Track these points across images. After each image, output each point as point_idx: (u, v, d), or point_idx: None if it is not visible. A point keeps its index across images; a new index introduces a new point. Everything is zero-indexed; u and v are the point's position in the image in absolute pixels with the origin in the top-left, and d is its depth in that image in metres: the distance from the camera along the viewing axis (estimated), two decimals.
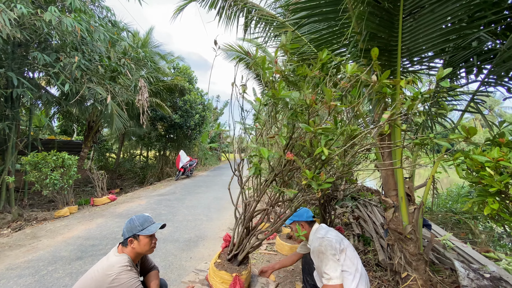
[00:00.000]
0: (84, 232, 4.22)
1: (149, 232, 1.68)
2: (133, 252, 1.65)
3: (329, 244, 1.84)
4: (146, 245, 1.68)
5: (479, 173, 1.55)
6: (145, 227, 1.69)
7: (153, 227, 1.72)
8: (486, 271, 2.77)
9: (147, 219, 1.74)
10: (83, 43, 6.67)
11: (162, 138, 13.56)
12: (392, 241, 2.64)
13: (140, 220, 1.71)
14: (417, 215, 2.54)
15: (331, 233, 1.98)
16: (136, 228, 1.66)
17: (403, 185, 2.51)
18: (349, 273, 1.81)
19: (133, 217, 1.73)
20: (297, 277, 2.90)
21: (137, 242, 1.66)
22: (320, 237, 1.92)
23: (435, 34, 2.05)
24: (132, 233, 1.65)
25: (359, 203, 5.92)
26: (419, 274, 2.46)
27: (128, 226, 1.67)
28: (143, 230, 1.67)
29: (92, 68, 6.71)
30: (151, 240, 1.72)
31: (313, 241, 2.00)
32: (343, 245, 1.88)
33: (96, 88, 6.74)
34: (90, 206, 6.49)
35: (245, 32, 3.56)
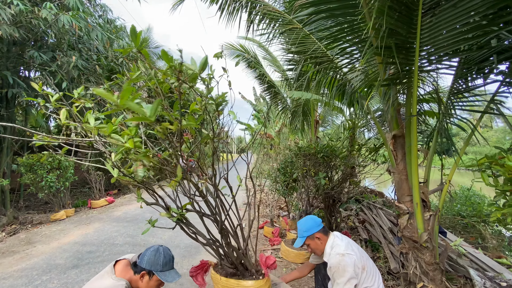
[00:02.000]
0: (80, 237, 4.06)
1: (165, 279, 1.49)
2: (135, 283, 1.47)
3: (350, 263, 1.67)
4: (153, 286, 1.50)
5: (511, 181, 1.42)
6: (165, 270, 1.51)
7: (171, 276, 1.53)
8: (502, 279, 2.65)
9: (170, 260, 1.56)
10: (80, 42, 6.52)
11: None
12: (406, 249, 2.51)
13: (166, 258, 1.53)
14: (433, 222, 2.41)
15: (352, 248, 1.80)
16: (157, 267, 1.48)
17: (419, 190, 2.38)
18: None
19: (161, 249, 1.55)
20: (305, 286, 2.76)
21: (148, 279, 1.47)
22: (341, 253, 1.74)
23: (456, 31, 1.92)
24: (151, 268, 1.47)
25: (363, 206, 5.80)
26: (435, 285, 2.33)
27: (151, 258, 1.48)
28: (162, 272, 1.49)
29: (89, 68, 6.56)
30: (160, 285, 1.54)
31: (331, 255, 1.79)
32: (363, 261, 1.73)
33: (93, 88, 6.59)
34: (87, 208, 6.33)
35: (248, 30, 3.42)
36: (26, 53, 5.40)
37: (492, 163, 1.64)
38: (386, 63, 2.19)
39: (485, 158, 1.70)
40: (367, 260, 1.78)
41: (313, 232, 1.93)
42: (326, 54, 2.98)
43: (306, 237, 1.94)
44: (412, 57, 2.08)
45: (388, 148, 2.58)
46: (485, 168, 1.74)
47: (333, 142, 4.16)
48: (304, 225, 1.98)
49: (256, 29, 3.43)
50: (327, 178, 3.90)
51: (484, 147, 24.10)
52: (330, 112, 10.34)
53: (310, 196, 4.10)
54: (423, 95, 2.76)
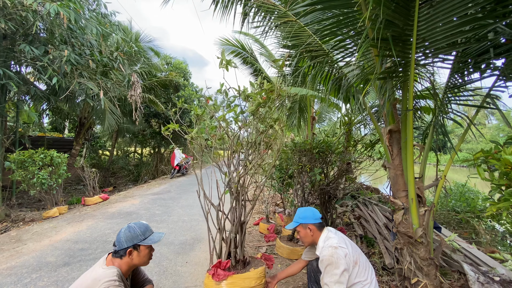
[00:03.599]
0: (73, 235, 4.00)
1: (151, 242, 1.50)
2: (127, 264, 1.45)
3: (342, 256, 1.66)
4: (145, 256, 1.50)
5: (508, 175, 1.40)
6: (147, 236, 1.51)
7: (155, 237, 1.54)
8: (496, 274, 2.66)
9: (147, 228, 1.56)
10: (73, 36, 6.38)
11: (157, 135, 13.27)
12: (401, 245, 2.50)
13: (141, 228, 1.51)
14: (428, 218, 2.39)
15: (345, 242, 1.80)
16: (138, 237, 1.47)
17: (414, 185, 2.36)
18: (361, 286, 1.66)
19: (131, 224, 1.52)
20: (300, 282, 2.74)
21: (137, 253, 1.47)
22: (334, 246, 1.73)
23: (453, 23, 1.88)
24: (133, 242, 1.45)
25: (359, 202, 5.81)
26: (430, 280, 2.32)
27: (128, 235, 1.46)
28: (145, 240, 1.49)
29: (82, 63, 6.43)
30: (150, 251, 1.54)
31: (323, 248, 1.80)
32: (356, 255, 1.72)
33: (87, 83, 6.47)
34: (81, 206, 6.25)
35: (243, 23, 3.35)
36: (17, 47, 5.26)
37: (488, 157, 1.62)
38: (383, 56, 2.15)
39: (481, 152, 1.68)
40: (360, 255, 1.77)
41: (307, 222, 1.96)
42: (321, 48, 2.93)
43: (299, 224, 1.98)
44: (409, 49, 2.04)
45: (384, 143, 2.55)
46: (481, 163, 1.72)
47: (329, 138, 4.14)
48: (303, 213, 2.03)
49: (251, 21, 3.37)
50: (322, 174, 3.87)
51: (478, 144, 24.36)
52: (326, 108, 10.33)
53: (305, 192, 4.08)
54: (420, 91, 2.74)
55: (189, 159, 11.59)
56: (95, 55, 6.57)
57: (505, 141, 1.75)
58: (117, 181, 12.40)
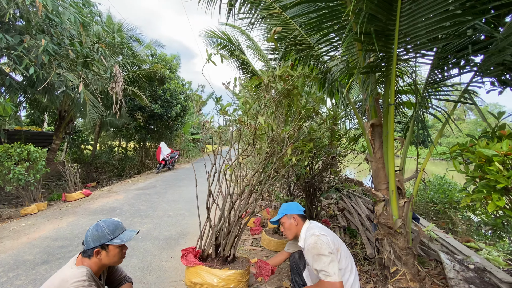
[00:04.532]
0: (52, 232, 3.87)
1: (121, 241, 1.42)
2: (96, 264, 1.39)
3: (325, 241, 1.71)
4: (115, 256, 1.43)
5: (481, 167, 1.45)
6: (116, 235, 1.44)
7: (126, 236, 1.46)
8: (470, 262, 2.80)
9: (118, 226, 1.48)
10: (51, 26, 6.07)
11: (142, 129, 12.95)
12: (381, 236, 2.57)
13: (110, 226, 1.44)
14: (407, 209, 2.48)
15: (326, 231, 1.85)
16: (106, 237, 1.40)
17: (394, 178, 2.42)
18: (343, 273, 1.70)
19: (99, 222, 1.45)
20: (284, 274, 2.78)
21: (106, 253, 1.40)
22: (316, 234, 1.78)
23: (434, 19, 1.92)
24: (100, 242, 1.38)
25: (343, 194, 5.93)
26: (408, 269, 2.41)
27: (95, 234, 1.39)
28: (114, 239, 1.41)
29: (61, 53, 6.13)
30: (122, 250, 1.48)
31: (306, 238, 1.85)
32: (337, 243, 1.77)
33: (66, 74, 6.19)
34: (62, 202, 6.05)
35: (229, 14, 3.29)
36: None
37: (464, 150, 1.67)
38: (366, 50, 2.17)
39: (457, 145, 1.74)
40: (341, 244, 1.82)
41: (291, 213, 2.01)
42: (307, 41, 2.92)
43: (284, 215, 2.04)
44: (391, 44, 2.07)
45: (366, 137, 2.60)
46: (457, 156, 1.78)
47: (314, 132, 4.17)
48: (287, 206, 2.09)
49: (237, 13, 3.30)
50: (307, 168, 3.92)
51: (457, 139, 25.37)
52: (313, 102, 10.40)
53: (290, 185, 4.12)
54: (402, 86, 2.79)
55: (176, 153, 11.42)
56: (75, 45, 6.28)
57: (480, 135, 1.82)
58: (101, 176, 12.06)
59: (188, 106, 14.00)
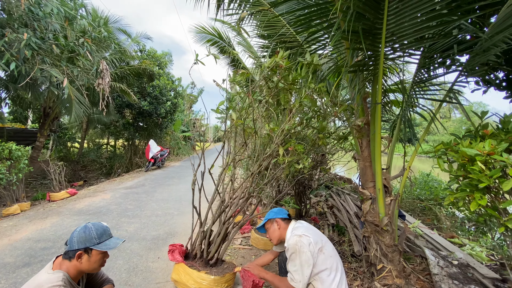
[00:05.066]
0: (35, 233, 3.74)
1: (106, 247, 1.36)
2: (75, 268, 1.33)
3: (306, 243, 1.71)
4: (96, 262, 1.37)
5: (464, 166, 1.47)
6: (103, 240, 1.37)
7: (112, 242, 1.40)
8: (454, 258, 2.86)
9: (105, 231, 1.42)
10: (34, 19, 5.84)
11: (130, 127, 12.69)
12: (368, 233, 2.60)
13: (98, 230, 1.37)
14: (393, 207, 2.51)
15: (310, 231, 1.84)
16: (92, 240, 1.33)
17: (381, 176, 2.44)
18: (328, 273, 1.70)
19: (88, 224, 1.39)
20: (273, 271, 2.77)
21: (87, 258, 1.33)
22: (299, 234, 1.78)
23: (421, 18, 1.92)
24: (85, 245, 1.32)
25: (332, 192, 5.98)
26: (394, 265, 2.44)
27: (81, 236, 1.33)
28: (99, 244, 1.35)
29: (45, 48, 5.92)
30: (104, 257, 1.41)
31: (290, 238, 1.86)
32: (321, 243, 1.77)
33: (50, 70, 5.98)
34: (46, 202, 5.87)
35: (218, 9, 3.23)
36: None
37: (448, 149, 1.69)
38: (353, 49, 2.16)
39: (442, 144, 1.75)
40: (326, 243, 1.82)
41: (274, 217, 2.02)
42: (296, 39, 2.90)
43: (267, 220, 2.06)
44: (379, 43, 2.07)
45: (354, 136, 2.61)
46: (441, 154, 1.80)
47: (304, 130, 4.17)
48: (271, 212, 2.10)
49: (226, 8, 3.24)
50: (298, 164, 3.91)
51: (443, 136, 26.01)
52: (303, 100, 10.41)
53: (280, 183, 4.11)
54: (389, 85, 2.81)
55: (165, 151, 11.26)
56: (59, 40, 6.07)
57: (463, 134, 1.85)
58: (88, 174, 11.79)
59: (178, 103, 13.81)
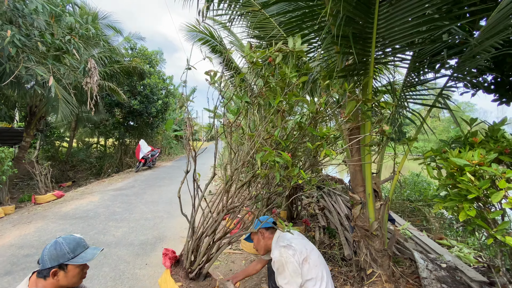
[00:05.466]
0: (18, 239, 3.61)
1: (83, 260, 1.29)
2: (53, 285, 1.26)
3: (291, 254, 1.68)
4: (75, 276, 1.30)
5: (453, 175, 1.46)
6: (78, 253, 1.30)
7: (88, 254, 1.33)
8: (443, 261, 2.88)
9: (79, 243, 1.34)
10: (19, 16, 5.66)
11: (120, 126, 12.45)
12: (358, 238, 2.59)
13: (70, 244, 1.30)
14: (383, 211, 2.50)
15: (295, 241, 1.81)
16: (65, 256, 1.26)
17: (371, 181, 2.43)
18: (314, 283, 1.68)
19: (58, 240, 1.31)
20: (263, 278, 2.74)
21: (64, 274, 1.26)
22: (283, 245, 1.75)
23: (411, 23, 1.90)
24: (58, 262, 1.24)
25: (324, 193, 5.98)
26: (383, 270, 2.44)
27: (53, 253, 1.25)
28: (74, 258, 1.28)
29: (30, 45, 5.74)
30: (83, 269, 1.34)
31: (274, 249, 1.82)
32: (306, 252, 1.73)
33: (36, 68, 5.81)
34: (32, 205, 5.69)
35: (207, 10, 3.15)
36: None
37: (437, 156, 1.68)
38: (344, 53, 2.13)
39: (431, 151, 1.74)
40: (311, 252, 1.78)
41: (257, 228, 1.94)
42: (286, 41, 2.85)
43: (251, 233, 2.01)
44: (369, 47, 2.05)
45: (344, 140, 2.59)
46: (431, 161, 1.78)
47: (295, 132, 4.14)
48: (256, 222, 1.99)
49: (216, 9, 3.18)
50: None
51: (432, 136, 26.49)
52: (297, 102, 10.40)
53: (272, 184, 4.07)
54: (379, 87, 2.80)
55: (156, 151, 11.09)
56: (45, 37, 5.89)
57: (452, 140, 1.85)
58: (77, 175, 11.53)
59: (169, 102, 13.62)
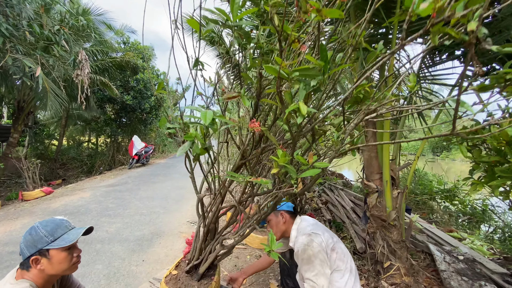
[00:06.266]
0: (3, 236, 3.34)
1: (65, 242, 1.08)
2: (40, 276, 1.06)
3: (318, 242, 1.47)
4: (62, 262, 1.09)
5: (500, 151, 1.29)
6: (58, 236, 1.09)
7: (72, 235, 1.11)
8: (459, 253, 2.74)
9: (59, 225, 1.13)
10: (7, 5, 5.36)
11: (112, 123, 12.08)
12: (373, 229, 2.42)
13: (48, 227, 1.09)
14: (400, 200, 2.34)
15: (320, 229, 1.61)
16: (43, 240, 1.06)
17: (389, 167, 2.26)
18: (341, 275, 1.48)
19: (35, 224, 1.10)
20: (271, 274, 2.55)
21: (47, 261, 1.06)
22: (307, 233, 1.53)
23: None
24: (37, 248, 1.05)
25: (325, 187, 5.85)
26: (402, 263, 2.28)
27: (29, 240, 1.05)
28: (55, 242, 1.07)
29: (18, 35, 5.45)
30: (71, 253, 1.12)
31: (297, 238, 1.59)
32: (332, 242, 1.53)
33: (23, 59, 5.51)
34: (19, 201, 5.38)
35: None
36: None
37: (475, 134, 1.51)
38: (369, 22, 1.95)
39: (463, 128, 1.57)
40: (338, 242, 1.58)
41: (280, 209, 1.74)
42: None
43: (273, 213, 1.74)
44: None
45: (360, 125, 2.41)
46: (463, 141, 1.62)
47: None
48: None
49: None
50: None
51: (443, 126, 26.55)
52: None
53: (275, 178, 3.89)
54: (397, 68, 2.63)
55: (150, 148, 10.78)
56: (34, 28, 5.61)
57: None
58: (67, 173, 11.12)
59: (163, 98, 13.29)
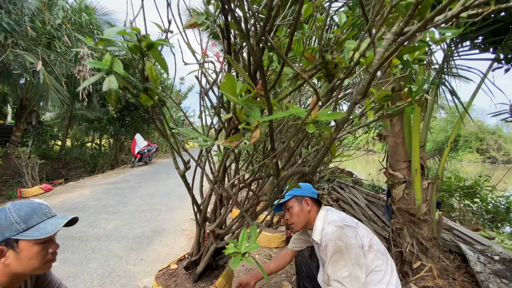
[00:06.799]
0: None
1: (40, 233, 0.82)
2: (4, 271, 0.82)
3: (352, 236, 1.20)
4: (33, 258, 0.83)
5: None
6: (33, 224, 0.83)
7: (50, 225, 0.85)
8: (494, 252, 2.44)
9: (36, 210, 0.86)
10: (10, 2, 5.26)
11: (116, 122, 11.94)
12: (400, 224, 2.14)
13: (22, 211, 0.83)
14: (431, 192, 2.06)
15: (351, 221, 1.34)
16: (13, 227, 0.80)
17: (419, 154, 1.99)
18: (381, 276, 1.21)
19: (7, 206, 0.84)
20: (283, 275, 2.29)
21: (14, 254, 0.81)
22: (339, 225, 1.26)
23: None
24: (3, 236, 0.79)
25: (334, 185, 5.61)
26: (434, 263, 1.99)
27: None
28: (27, 231, 0.81)
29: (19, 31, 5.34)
30: (46, 248, 0.86)
31: (325, 230, 1.32)
32: (369, 237, 1.26)
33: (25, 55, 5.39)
34: (18, 199, 5.19)
35: None
36: None
37: None
38: None
39: None
40: (374, 237, 1.30)
41: (305, 194, 1.44)
42: None
43: (294, 196, 1.43)
44: None
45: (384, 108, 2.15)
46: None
47: None
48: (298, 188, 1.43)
49: None
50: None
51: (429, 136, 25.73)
52: None
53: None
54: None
55: (153, 147, 10.60)
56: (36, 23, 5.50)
57: None
58: (70, 172, 10.99)
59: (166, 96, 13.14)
